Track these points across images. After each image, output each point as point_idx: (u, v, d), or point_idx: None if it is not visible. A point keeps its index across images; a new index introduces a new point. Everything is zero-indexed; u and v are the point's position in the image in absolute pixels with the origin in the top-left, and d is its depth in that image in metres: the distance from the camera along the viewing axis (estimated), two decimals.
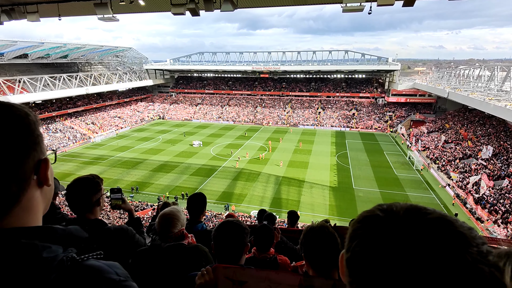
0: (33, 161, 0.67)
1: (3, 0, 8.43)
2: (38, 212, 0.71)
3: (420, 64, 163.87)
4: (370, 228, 0.50)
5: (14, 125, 0.65)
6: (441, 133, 39.62)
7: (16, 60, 46.27)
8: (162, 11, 9.10)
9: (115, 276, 0.66)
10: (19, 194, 0.65)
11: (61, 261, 0.62)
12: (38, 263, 0.60)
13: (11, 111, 0.66)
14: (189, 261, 1.94)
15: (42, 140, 0.71)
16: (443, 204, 24.31)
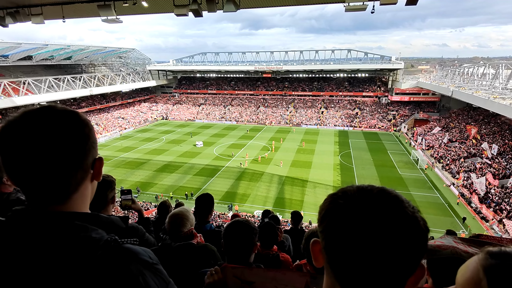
0: (92, 157, 0.82)
1: (8, 3, 8.51)
2: (88, 201, 0.86)
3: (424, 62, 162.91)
4: (333, 211, 0.59)
5: (81, 127, 0.79)
6: (445, 131, 39.36)
7: (20, 62, 46.73)
8: (165, 12, 9.14)
9: (149, 259, 0.78)
10: (80, 183, 0.81)
11: (106, 241, 0.75)
12: (88, 241, 0.73)
13: (79, 117, 0.81)
14: (198, 260, 1.98)
15: (97, 142, 0.86)
16: (448, 203, 24.15)
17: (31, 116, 0.74)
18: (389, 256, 0.53)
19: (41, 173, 0.73)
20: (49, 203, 0.76)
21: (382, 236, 0.53)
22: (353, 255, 0.54)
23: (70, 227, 0.74)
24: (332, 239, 0.57)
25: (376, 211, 0.55)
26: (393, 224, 0.54)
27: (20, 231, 0.72)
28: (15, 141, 0.72)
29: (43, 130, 0.73)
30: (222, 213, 22.46)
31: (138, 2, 8.22)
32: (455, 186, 26.40)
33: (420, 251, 0.55)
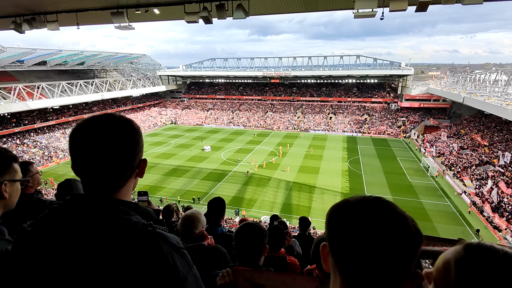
0: (139, 159, 0.99)
1: (24, 10, 8.81)
2: (130, 193, 1.01)
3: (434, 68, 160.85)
4: (336, 217, 0.69)
5: (134, 133, 0.97)
6: (456, 138, 38.67)
7: (35, 67, 48.07)
8: (176, 19, 9.31)
9: (177, 243, 0.91)
10: (128, 179, 0.97)
11: (143, 224, 0.89)
12: (128, 223, 0.87)
13: (133, 126, 0.98)
14: (209, 261, 2.01)
15: (143, 146, 1.02)
16: (459, 212, 23.62)
17: (96, 122, 0.93)
18: (383, 253, 0.60)
19: (99, 169, 0.90)
20: (104, 193, 0.93)
21: (375, 237, 0.61)
22: (353, 255, 0.62)
23: (116, 210, 0.89)
24: (336, 241, 0.66)
25: (370, 216, 0.64)
26: (385, 226, 0.62)
27: (78, 211, 0.88)
28: (81, 141, 0.90)
29: (103, 134, 0.90)
30: (229, 218, 22.46)
31: (150, 9, 8.41)
32: (466, 194, 25.82)
33: (409, 249, 0.62)
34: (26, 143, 40.37)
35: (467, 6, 6.54)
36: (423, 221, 22.15)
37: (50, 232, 0.85)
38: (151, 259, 0.83)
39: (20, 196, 1.33)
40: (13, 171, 1.26)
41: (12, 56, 41.32)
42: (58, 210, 0.90)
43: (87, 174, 0.92)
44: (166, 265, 0.84)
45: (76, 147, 0.91)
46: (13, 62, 44.06)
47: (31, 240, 0.86)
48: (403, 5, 7.07)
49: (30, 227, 0.89)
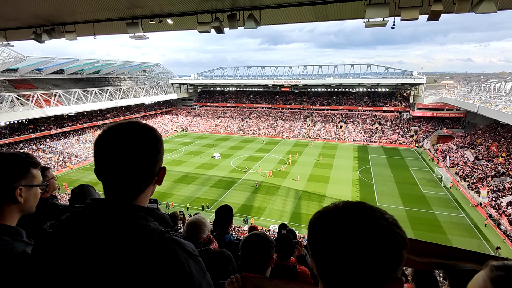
0: (159, 166, 1.01)
1: (44, 21, 9.20)
2: (148, 199, 1.04)
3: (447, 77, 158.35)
4: (314, 226, 0.70)
5: (156, 142, 0.99)
6: (471, 148, 37.71)
7: (53, 75, 49.80)
8: (189, 29, 9.53)
9: (192, 250, 0.94)
10: (147, 186, 1.00)
11: (161, 231, 0.92)
12: (147, 229, 0.90)
13: (154, 133, 1.00)
14: (216, 265, 2.02)
15: (163, 154, 1.04)
16: (475, 224, 22.85)
17: (121, 129, 0.97)
18: (361, 260, 0.60)
19: (121, 175, 0.94)
20: (123, 199, 0.96)
21: (353, 244, 0.60)
22: (332, 262, 0.63)
23: (135, 216, 0.92)
24: (315, 249, 0.67)
25: (348, 223, 0.63)
26: (363, 233, 0.61)
27: (99, 216, 0.91)
28: (105, 147, 0.94)
29: (127, 142, 0.94)
30: (238, 226, 22.35)
31: (164, 19, 8.65)
32: (482, 207, 25.01)
33: (389, 255, 0.61)
34: (42, 148, 41.49)
35: (480, 14, 6.49)
36: (436, 233, 21.52)
37: (71, 236, 0.88)
38: (168, 266, 0.86)
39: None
40: (30, 176, 1.28)
41: (31, 64, 43.00)
42: (80, 213, 0.93)
43: (109, 179, 0.95)
44: (182, 272, 0.87)
45: (100, 152, 0.94)
46: (32, 71, 45.78)
47: (53, 242, 0.89)
48: (414, 14, 7.06)
49: (52, 229, 0.92)
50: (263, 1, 7.32)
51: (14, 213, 1.25)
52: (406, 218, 23.66)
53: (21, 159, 1.29)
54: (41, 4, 7.31)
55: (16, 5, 7.38)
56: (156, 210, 1.00)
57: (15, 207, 1.25)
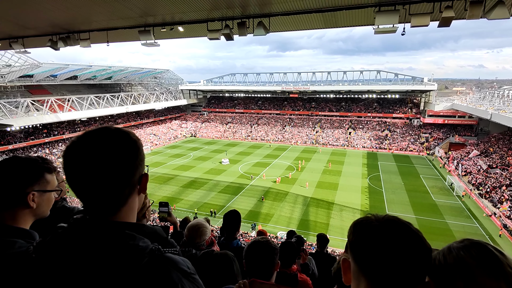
0: (139, 174, 0.92)
1: (60, 29, 9.49)
2: (135, 212, 0.96)
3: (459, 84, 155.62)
4: (365, 233, 0.78)
5: (131, 147, 0.89)
6: (484, 156, 36.82)
7: (67, 81, 51.15)
8: (199, 36, 9.68)
9: (187, 268, 0.86)
10: (128, 197, 0.90)
11: (151, 250, 0.83)
12: (135, 249, 0.82)
13: (129, 137, 0.91)
14: (221, 267, 2.03)
15: (144, 160, 0.96)
16: (489, 235, 22.19)
17: (89, 137, 0.87)
18: (403, 263, 0.72)
19: (94, 189, 0.84)
20: (102, 214, 0.88)
21: (397, 251, 0.73)
22: (379, 265, 0.73)
23: (121, 235, 0.84)
24: (363, 253, 0.76)
25: (392, 234, 0.76)
26: (404, 243, 0.74)
27: (79, 237, 0.84)
28: (73, 159, 0.84)
29: (96, 150, 0.84)
30: (245, 232, 22.25)
31: (175, 27, 8.83)
32: (496, 216, 24.29)
33: (424, 261, 0.74)
34: (55, 153, 42.40)
35: (491, 21, 6.41)
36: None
37: (52, 262, 0.81)
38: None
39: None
40: (44, 182, 1.30)
41: (47, 71, 44.30)
42: (60, 237, 0.85)
43: (83, 194, 0.86)
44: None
45: (68, 165, 0.85)
46: (47, 77, 47.14)
47: (34, 268, 0.83)
48: (425, 21, 7.02)
49: (34, 253, 0.86)
50: (273, 9, 7.41)
51: (28, 217, 1.27)
52: (418, 227, 22.83)
53: (36, 164, 1.30)
54: (59, 13, 7.57)
55: (35, 14, 7.66)
56: (147, 225, 0.93)
57: (28, 211, 1.26)
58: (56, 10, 7.29)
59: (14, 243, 1.13)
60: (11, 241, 1.14)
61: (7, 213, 1.22)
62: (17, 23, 8.57)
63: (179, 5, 7.12)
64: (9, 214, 1.23)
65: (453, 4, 6.35)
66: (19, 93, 44.63)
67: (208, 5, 7.17)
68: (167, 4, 7.11)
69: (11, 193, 1.22)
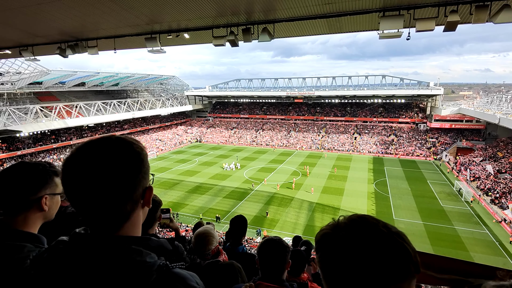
0: (143, 188, 0.85)
1: (69, 37, 9.69)
2: (140, 226, 0.91)
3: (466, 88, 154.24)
4: (324, 240, 0.71)
5: (133, 159, 0.83)
6: (493, 161, 36.24)
7: (75, 88, 52.00)
8: (204, 43, 9.80)
9: (195, 284, 0.81)
10: (131, 212, 0.84)
11: (160, 266, 0.79)
12: (143, 265, 0.77)
13: (132, 148, 0.84)
14: (226, 277, 2.02)
15: (149, 171, 0.89)
16: (499, 241, 21.70)
17: (89, 149, 0.82)
18: (366, 274, 0.62)
19: (93, 205, 0.78)
20: (104, 230, 0.82)
21: (359, 260, 0.63)
22: (335, 271, 0.66)
23: (127, 251, 0.79)
24: (323, 264, 0.69)
25: (354, 239, 0.66)
26: (366, 247, 0.64)
27: (82, 253, 0.78)
28: (71, 174, 0.79)
29: (96, 165, 0.78)
30: (250, 238, 22.14)
31: (181, 34, 8.95)
32: (506, 223, 23.79)
33: (393, 267, 0.63)
34: (62, 158, 42.93)
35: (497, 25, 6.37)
36: (458, 249, 20.58)
37: (52, 281, 0.77)
38: None
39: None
40: (53, 185, 1.33)
41: (55, 78, 45.11)
42: (61, 253, 0.81)
43: (82, 210, 0.80)
44: None
45: (65, 179, 0.80)
46: (56, 84, 47.98)
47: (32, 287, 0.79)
48: (430, 25, 7.01)
49: (33, 268, 0.82)
50: (277, 15, 7.47)
51: (38, 220, 1.31)
52: (425, 233, 22.79)
53: (45, 169, 1.34)
54: (68, 21, 7.74)
55: (45, 23, 7.84)
56: (153, 238, 0.87)
57: (39, 215, 1.30)
58: (65, 18, 7.45)
59: (23, 248, 1.15)
60: (21, 246, 1.16)
61: (19, 217, 1.25)
62: (27, 32, 8.78)
63: (185, 12, 7.23)
64: (21, 218, 1.26)
65: (458, 8, 6.34)
66: (28, 100, 45.46)
67: (214, 12, 7.26)
68: (173, 12, 7.23)
69: (25, 197, 1.25)
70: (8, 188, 1.24)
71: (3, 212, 1.27)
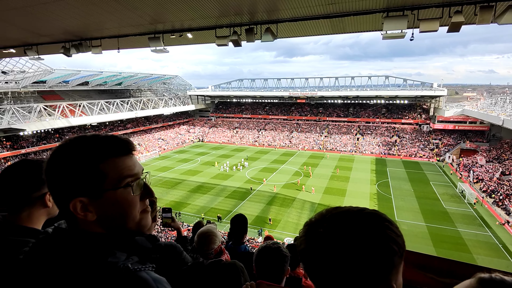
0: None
1: (73, 36, 9.74)
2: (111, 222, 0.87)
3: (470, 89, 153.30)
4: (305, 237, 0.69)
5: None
6: (497, 163, 36.00)
7: (78, 87, 52.29)
8: (207, 43, 9.82)
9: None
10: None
11: (118, 267, 0.74)
12: (102, 265, 0.73)
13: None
14: (228, 277, 2.02)
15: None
16: (502, 244, 21.55)
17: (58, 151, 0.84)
18: (346, 267, 0.60)
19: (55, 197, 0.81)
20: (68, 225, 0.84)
21: (340, 252, 0.61)
22: (323, 271, 0.63)
23: (89, 248, 0.77)
24: (306, 262, 0.67)
25: (337, 232, 0.64)
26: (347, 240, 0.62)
27: (45, 248, 0.80)
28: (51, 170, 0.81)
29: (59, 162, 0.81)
30: (252, 238, 22.14)
31: (184, 34, 8.97)
32: (510, 225, 23.62)
33: (375, 262, 0.60)
34: None
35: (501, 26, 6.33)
36: (461, 252, 20.46)
37: (31, 275, 0.77)
38: None
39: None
40: None
41: (59, 77, 45.37)
42: (36, 247, 0.84)
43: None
44: None
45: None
46: (59, 83, 48.27)
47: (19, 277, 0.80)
48: (434, 26, 6.97)
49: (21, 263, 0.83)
50: (281, 15, 7.47)
51: (42, 216, 1.33)
52: (428, 235, 22.68)
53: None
54: (73, 21, 7.78)
55: (50, 22, 7.89)
56: (127, 236, 0.84)
57: (43, 211, 1.32)
58: (69, 18, 7.50)
59: (26, 243, 1.17)
60: (25, 241, 1.18)
61: (23, 213, 1.28)
62: (32, 31, 8.85)
63: (188, 12, 7.25)
64: (25, 215, 1.28)
65: (462, 9, 6.30)
66: (32, 99, 45.75)
67: (217, 12, 7.27)
68: (177, 12, 7.25)
69: (29, 194, 1.27)
70: (11, 185, 1.26)
71: (7, 209, 1.29)
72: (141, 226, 0.87)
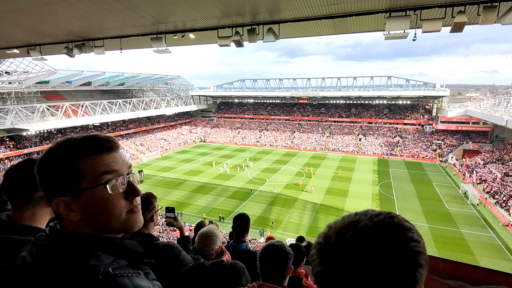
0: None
1: (76, 37, 9.79)
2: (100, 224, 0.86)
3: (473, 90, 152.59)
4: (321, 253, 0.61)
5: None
6: (500, 164, 35.79)
7: (81, 87, 52.51)
8: (210, 43, 9.83)
9: None
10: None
11: (98, 271, 0.71)
12: (81, 268, 0.72)
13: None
14: (230, 277, 2.02)
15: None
16: (505, 245, 21.41)
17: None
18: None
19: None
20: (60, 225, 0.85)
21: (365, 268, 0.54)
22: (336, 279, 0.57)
23: (72, 249, 0.76)
24: (323, 284, 0.59)
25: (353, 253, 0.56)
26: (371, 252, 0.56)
27: (41, 251, 0.80)
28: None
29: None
30: (254, 238, 22.14)
31: (186, 34, 8.98)
32: None
33: (397, 273, 0.54)
34: None
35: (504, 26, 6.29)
36: (464, 253, 20.35)
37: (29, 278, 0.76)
38: None
39: None
40: None
41: (62, 77, 45.59)
42: (41, 250, 0.83)
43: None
44: None
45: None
46: (62, 83, 48.50)
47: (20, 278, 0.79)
48: (437, 26, 6.93)
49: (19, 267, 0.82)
50: (283, 16, 7.47)
51: (45, 215, 1.34)
52: (430, 236, 22.57)
53: None
54: (76, 21, 7.82)
55: (53, 23, 7.94)
56: (117, 239, 0.83)
57: (47, 210, 1.33)
58: (72, 19, 7.54)
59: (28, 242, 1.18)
60: (27, 240, 1.18)
61: (27, 212, 1.29)
62: (35, 31, 8.90)
63: (191, 13, 7.27)
64: (29, 214, 1.29)
65: (465, 9, 6.27)
66: (35, 99, 45.98)
67: (219, 13, 7.29)
68: (179, 12, 7.26)
69: (32, 193, 1.28)
70: (16, 185, 1.27)
71: (11, 208, 1.30)
72: (128, 226, 0.84)
